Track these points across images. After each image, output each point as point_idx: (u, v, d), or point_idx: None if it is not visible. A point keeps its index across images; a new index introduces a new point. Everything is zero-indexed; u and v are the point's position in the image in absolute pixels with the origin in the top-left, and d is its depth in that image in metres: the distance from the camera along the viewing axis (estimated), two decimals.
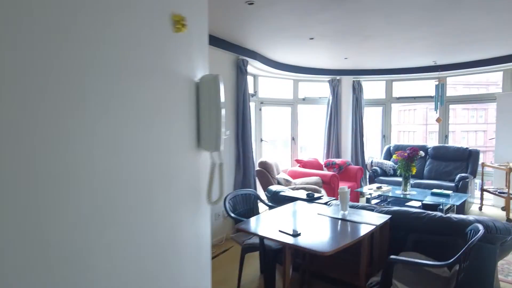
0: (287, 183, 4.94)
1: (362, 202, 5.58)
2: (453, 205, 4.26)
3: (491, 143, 6.32)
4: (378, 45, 4.56)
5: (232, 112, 4.52)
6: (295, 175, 5.76)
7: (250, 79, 5.78)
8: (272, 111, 6.58)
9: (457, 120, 15.01)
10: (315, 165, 6.16)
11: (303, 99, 6.72)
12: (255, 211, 3.36)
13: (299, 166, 6.05)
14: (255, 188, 4.72)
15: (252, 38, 4.14)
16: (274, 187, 3.73)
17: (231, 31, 3.85)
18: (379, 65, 6.11)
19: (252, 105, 5.95)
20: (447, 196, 4.33)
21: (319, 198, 3.17)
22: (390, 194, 4.54)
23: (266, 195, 3.75)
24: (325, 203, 3.03)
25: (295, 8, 3.14)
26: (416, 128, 17.29)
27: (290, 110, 6.63)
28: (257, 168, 4.89)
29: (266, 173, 4.79)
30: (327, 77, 6.54)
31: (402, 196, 4.44)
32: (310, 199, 3.13)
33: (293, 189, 4.54)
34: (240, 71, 4.54)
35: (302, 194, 3.33)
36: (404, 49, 4.83)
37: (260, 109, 6.07)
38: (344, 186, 2.67)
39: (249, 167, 4.61)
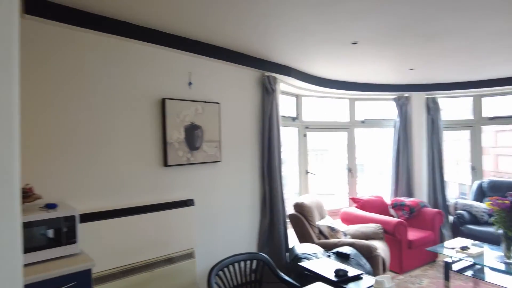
0: (332, 232, 3.75)
1: (439, 266, 4.07)
2: None
3: None
4: (451, 46, 3.25)
5: (256, 140, 3.59)
6: (349, 219, 4.50)
7: (288, 100, 4.82)
8: (321, 136, 5.48)
9: None
10: (377, 205, 4.81)
11: (362, 122, 5.48)
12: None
13: (356, 207, 4.77)
14: (286, 240, 3.64)
15: (278, 47, 3.21)
16: (300, 248, 2.65)
17: (249, 40, 2.99)
18: (460, 76, 4.63)
19: (294, 130, 4.97)
20: None
21: (355, 279, 2.01)
22: (484, 263, 3.03)
23: (287, 258, 2.68)
24: None
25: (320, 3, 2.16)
26: None
27: (346, 136, 5.44)
28: (291, 212, 3.83)
29: (301, 219, 3.69)
30: (392, 94, 5.23)
31: (504, 266, 2.92)
32: (339, 281, 1.99)
33: (336, 244, 3.35)
34: (266, 91, 3.62)
35: (331, 267, 2.18)
36: (495, 51, 3.40)
37: (305, 135, 5.03)
38: (383, 279, 1.50)
39: (277, 210, 3.58)
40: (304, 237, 3.63)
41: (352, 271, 2.08)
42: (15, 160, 0.71)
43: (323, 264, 2.27)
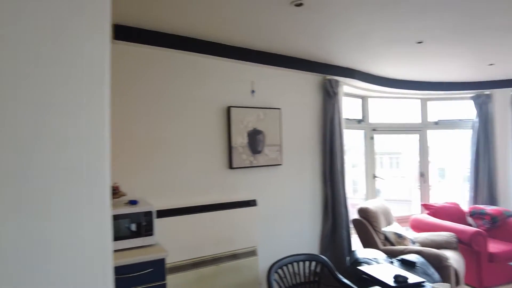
0: (398, 239, 3.61)
1: None
2: None
3: None
4: None
5: (318, 144, 3.64)
6: (420, 227, 4.27)
7: (353, 102, 4.74)
8: (394, 139, 5.27)
9: None
10: (452, 213, 4.46)
11: (436, 123, 5.13)
12: None
13: (428, 214, 4.49)
14: (349, 245, 3.61)
15: (341, 51, 3.23)
16: (360, 252, 2.64)
17: (310, 46, 3.08)
18: None
19: (360, 133, 4.87)
20: None
21: (416, 286, 1.95)
22: None
23: (348, 262, 2.69)
24: None
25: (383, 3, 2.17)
26: None
27: (417, 138, 5.15)
28: (355, 216, 3.78)
29: (365, 225, 3.62)
30: (470, 93, 4.81)
31: None
32: (397, 286, 1.96)
33: (402, 251, 3.23)
34: (327, 95, 3.64)
35: (387, 273, 2.15)
36: None
37: (372, 138, 4.89)
38: (442, 286, 1.46)
39: (339, 214, 3.57)
40: (368, 243, 3.56)
41: (413, 278, 2.02)
42: (106, 163, 0.90)
43: (383, 270, 2.24)
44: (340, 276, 2.38)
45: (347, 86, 4.11)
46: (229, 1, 2.16)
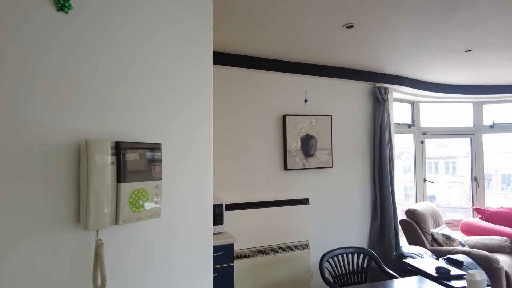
0: (447, 241, 3.72)
1: None
2: None
3: None
4: None
5: (367, 148, 3.88)
6: (470, 231, 4.30)
7: (403, 107, 4.87)
8: (447, 143, 5.29)
9: None
10: (508, 219, 4.41)
11: (491, 126, 5.06)
12: (366, 278, 2.66)
13: (480, 218, 4.49)
14: (397, 244, 3.79)
15: (389, 60, 3.46)
16: (406, 247, 2.86)
17: (360, 57, 3.36)
18: None
19: (409, 137, 4.99)
20: None
21: (457, 278, 2.17)
22: None
23: (394, 256, 2.92)
24: None
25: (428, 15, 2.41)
26: None
27: (469, 142, 5.12)
28: (403, 217, 3.95)
29: (413, 225, 3.78)
30: None
31: None
32: (439, 277, 2.18)
33: (450, 252, 3.37)
34: (377, 101, 3.87)
35: (431, 266, 2.37)
36: None
37: (422, 142, 4.98)
38: (475, 272, 1.70)
39: (388, 215, 3.77)
40: (415, 243, 3.72)
41: (455, 271, 2.22)
42: (211, 161, 1.29)
43: (427, 263, 2.45)
44: (386, 268, 2.63)
45: (397, 92, 4.28)
46: (288, 24, 2.53)
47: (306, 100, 3.52)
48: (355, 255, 2.74)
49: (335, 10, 2.26)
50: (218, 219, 2.74)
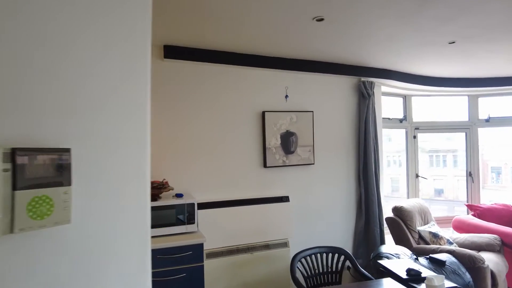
0: (434, 239, 3.63)
1: None
2: None
3: None
4: None
5: (352, 144, 3.79)
6: (462, 228, 4.19)
7: (394, 101, 4.75)
8: (441, 138, 5.16)
9: None
10: (502, 215, 4.29)
11: (487, 120, 4.91)
12: (341, 279, 2.60)
13: (473, 215, 4.37)
14: (383, 242, 3.72)
15: (372, 54, 3.35)
16: (384, 247, 2.79)
17: (342, 51, 3.26)
18: None
19: (401, 132, 4.87)
20: None
21: (421, 280, 2.08)
22: None
23: (371, 256, 2.86)
24: None
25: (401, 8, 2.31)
26: None
27: (463, 136, 4.98)
28: (389, 215, 3.86)
29: (399, 223, 3.69)
30: None
31: None
32: (408, 279, 2.11)
33: (434, 250, 3.28)
34: (362, 96, 3.77)
35: (403, 267, 2.29)
36: None
37: (415, 137, 4.86)
38: (434, 277, 1.62)
39: (373, 212, 3.69)
40: (401, 241, 3.63)
41: (426, 273, 2.14)
42: (147, 163, 1.21)
43: (400, 264, 2.38)
44: (361, 268, 2.57)
45: (386, 87, 4.17)
46: (259, 20, 2.45)
47: (286, 96, 3.45)
48: (330, 255, 2.68)
49: (303, 3, 2.18)
50: (189, 218, 2.71)
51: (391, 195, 4.99)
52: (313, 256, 2.65)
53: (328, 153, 3.64)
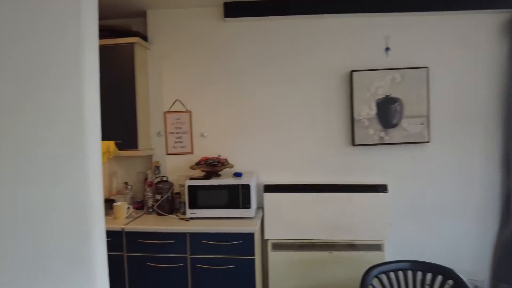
0: None
1: None
2: None
3: None
4: None
5: (495, 115, 2.55)
6: None
7: None
8: None
9: None
10: None
11: None
12: None
13: None
14: None
15: None
16: None
17: None
18: None
19: None
20: None
21: None
22: None
23: None
24: None
25: None
26: None
27: None
28: None
29: None
30: None
31: None
32: None
33: None
34: None
35: None
36: None
37: None
38: None
39: None
40: None
41: None
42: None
43: None
44: None
45: None
46: None
47: (387, 49, 2.54)
48: (428, 275, 1.79)
49: None
50: (244, 202, 2.28)
51: None
52: (399, 273, 1.83)
53: (452, 127, 2.55)
